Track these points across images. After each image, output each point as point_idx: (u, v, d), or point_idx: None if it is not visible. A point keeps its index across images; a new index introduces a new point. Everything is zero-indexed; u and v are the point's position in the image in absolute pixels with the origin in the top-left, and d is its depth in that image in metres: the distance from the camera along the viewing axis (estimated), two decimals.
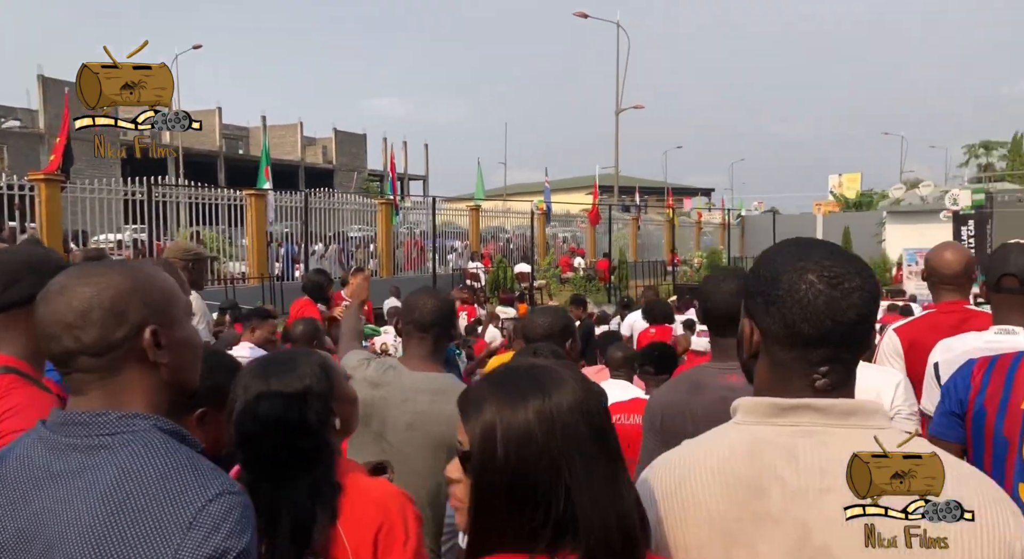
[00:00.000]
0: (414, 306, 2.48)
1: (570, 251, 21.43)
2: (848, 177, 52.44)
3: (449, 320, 2.51)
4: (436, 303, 2.46)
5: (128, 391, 1.09)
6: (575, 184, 47.72)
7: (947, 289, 2.84)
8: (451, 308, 2.55)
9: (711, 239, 27.99)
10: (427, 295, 2.53)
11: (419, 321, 2.44)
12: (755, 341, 1.16)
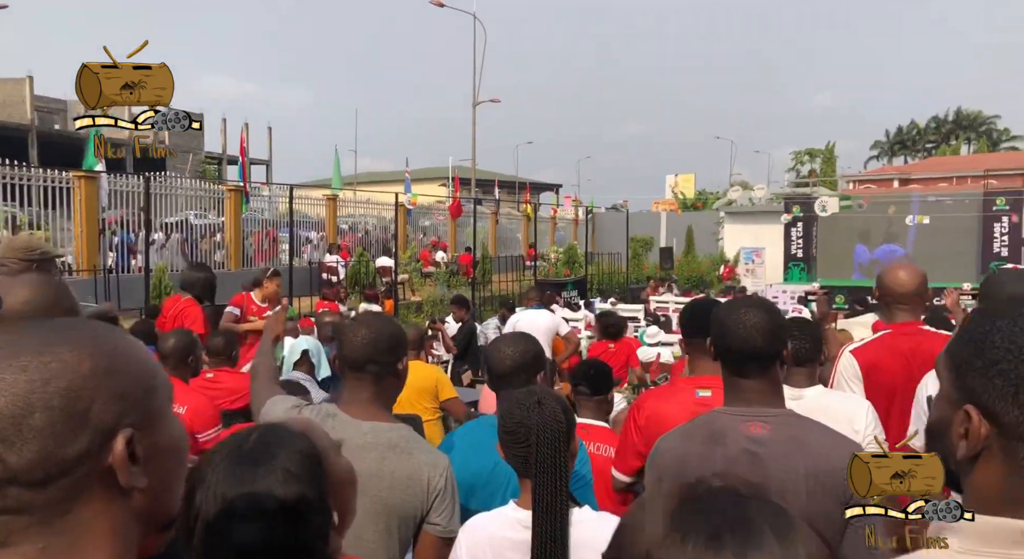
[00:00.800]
0: (346, 339, 2.00)
1: (431, 244, 21.06)
2: (684, 177, 55.73)
3: (394, 353, 2.01)
4: (370, 335, 1.97)
5: (82, 542, 0.70)
6: (427, 174, 47.27)
7: (901, 309, 2.81)
8: (393, 338, 2.02)
9: (564, 234, 28.57)
10: (362, 325, 2.04)
11: (352, 358, 1.98)
12: (983, 435, 0.89)
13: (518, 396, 1.73)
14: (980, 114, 63.99)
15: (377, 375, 1.98)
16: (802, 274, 23.89)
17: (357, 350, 1.97)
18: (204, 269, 6.19)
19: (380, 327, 2.01)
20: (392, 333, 2.03)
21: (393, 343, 2.01)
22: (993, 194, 22.15)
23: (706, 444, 1.75)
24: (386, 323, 2.08)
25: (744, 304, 1.88)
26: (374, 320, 2.07)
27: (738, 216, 26.58)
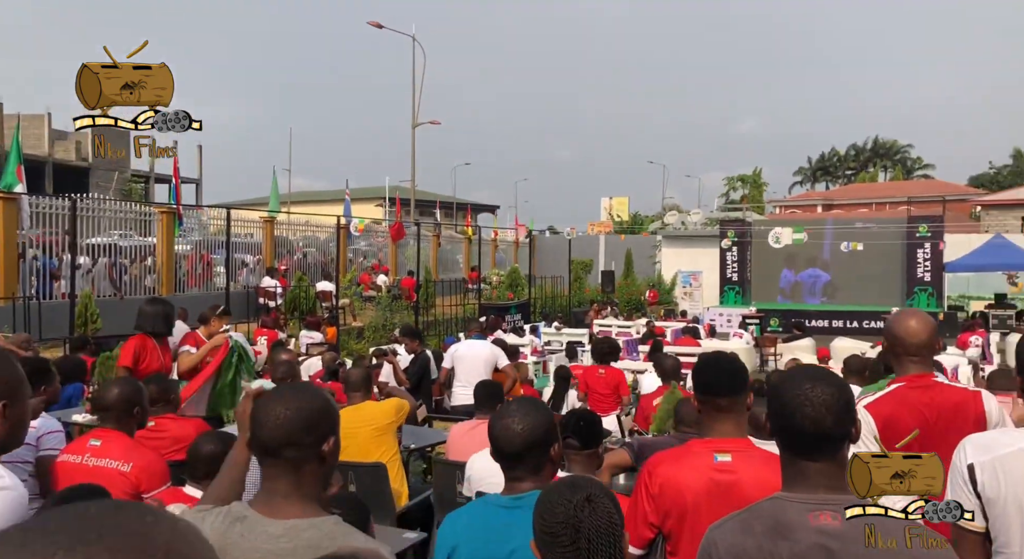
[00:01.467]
0: (256, 419, 1.67)
1: (372, 268, 20.61)
2: (618, 200, 56.75)
3: (316, 432, 1.66)
4: (285, 413, 1.63)
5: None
6: (365, 194, 46.64)
7: (913, 361, 2.68)
8: (315, 416, 1.68)
9: (505, 256, 28.48)
10: (276, 400, 1.68)
11: (264, 442, 1.65)
12: None
13: (560, 490, 1.54)
14: (896, 143, 67.26)
15: (296, 462, 1.65)
16: (737, 297, 24.40)
17: (270, 432, 1.63)
18: (158, 303, 5.81)
19: (299, 403, 1.67)
20: (314, 409, 1.69)
21: (315, 421, 1.66)
22: (916, 220, 23.06)
23: (769, 537, 1.57)
24: (306, 397, 1.71)
25: (807, 376, 1.67)
26: (291, 395, 1.72)
27: (674, 240, 27.01)
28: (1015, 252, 23.02)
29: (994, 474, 1.96)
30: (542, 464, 2.04)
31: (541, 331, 15.86)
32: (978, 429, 2.56)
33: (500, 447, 2.05)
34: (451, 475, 4.57)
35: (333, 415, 1.73)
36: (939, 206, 29.68)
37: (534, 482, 2.03)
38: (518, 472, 2.04)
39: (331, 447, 1.69)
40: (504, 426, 2.04)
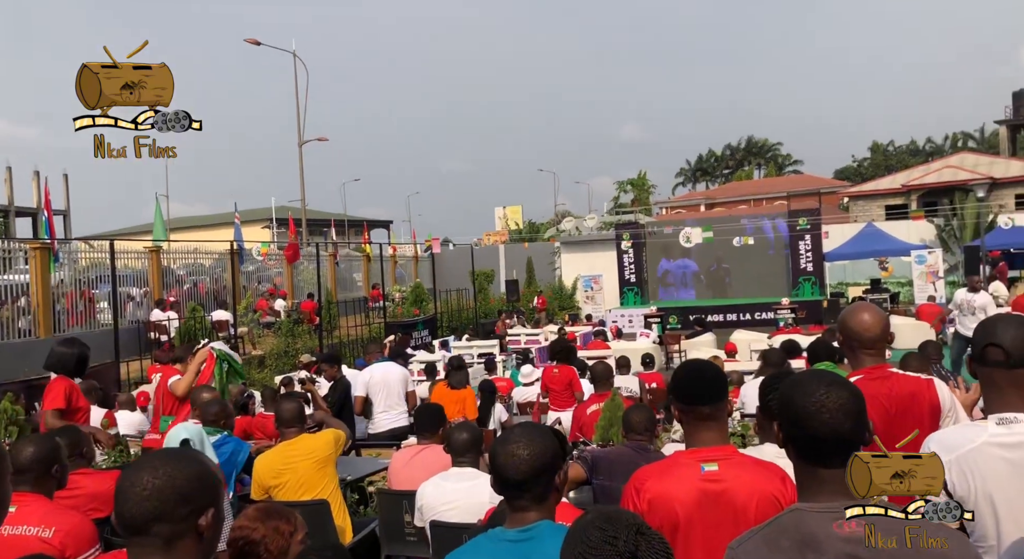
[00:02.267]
0: (123, 491, 1.46)
1: (268, 292, 19.82)
2: (511, 209, 57.24)
3: (191, 503, 1.46)
4: (153, 482, 1.43)
5: None
6: (250, 217, 44.98)
7: (868, 354, 2.76)
8: (190, 484, 1.47)
9: (404, 272, 28.11)
10: (143, 468, 1.47)
11: (127, 518, 1.44)
12: None
13: (597, 525, 1.44)
14: (767, 142, 71.25)
15: (167, 540, 1.43)
16: (636, 298, 25.10)
17: (135, 506, 1.42)
18: (73, 344, 5.52)
19: (170, 469, 1.45)
20: (190, 476, 1.46)
21: (190, 490, 1.45)
22: (796, 214, 24.39)
23: (798, 551, 1.52)
24: (179, 463, 1.49)
25: (820, 382, 1.64)
26: (161, 461, 1.49)
27: (572, 245, 27.47)
28: (885, 239, 24.83)
29: (961, 472, 2.01)
30: (548, 492, 1.95)
31: (451, 345, 15.72)
32: (933, 416, 2.67)
33: (505, 476, 1.91)
34: (397, 505, 4.41)
35: (212, 482, 1.51)
36: (814, 200, 31.57)
37: (539, 512, 1.93)
38: (523, 501, 1.93)
39: (210, 521, 1.46)
40: (509, 453, 1.92)
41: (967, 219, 26.52)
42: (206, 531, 1.47)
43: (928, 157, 53.29)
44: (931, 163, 40.06)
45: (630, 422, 3.85)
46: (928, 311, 17.15)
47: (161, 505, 1.42)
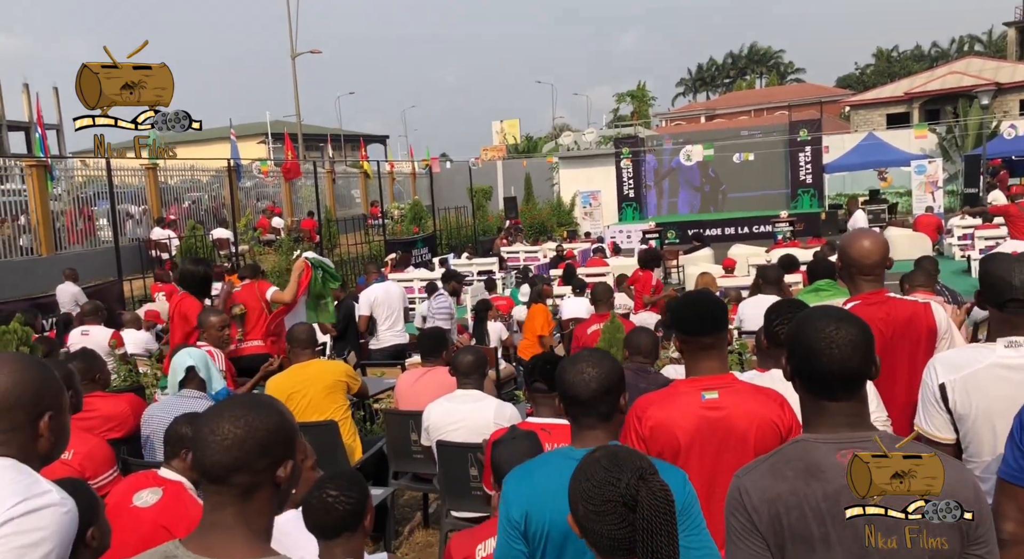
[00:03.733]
0: (198, 438, 1.42)
1: (267, 210, 19.73)
2: (509, 123, 56.26)
3: (271, 454, 1.42)
4: (235, 432, 1.39)
5: None
6: (244, 132, 44.22)
7: (866, 279, 2.80)
8: (271, 435, 1.42)
9: (402, 189, 27.90)
10: (222, 416, 1.42)
11: (206, 465, 1.41)
12: None
13: (602, 465, 1.48)
14: (769, 49, 69.31)
15: (246, 490, 1.41)
16: (634, 213, 25.02)
17: (215, 455, 1.39)
18: (201, 263, 6.07)
19: (251, 420, 1.41)
20: (270, 428, 1.42)
21: (271, 442, 1.41)
22: (797, 125, 24.04)
23: (802, 480, 1.56)
24: (260, 413, 1.44)
25: (828, 318, 1.65)
26: (242, 410, 1.44)
27: (571, 160, 27.17)
28: (885, 149, 24.54)
29: (965, 391, 2.09)
30: (613, 411, 2.01)
31: (451, 263, 15.79)
32: (930, 339, 2.74)
33: (574, 394, 1.98)
34: (404, 425, 4.55)
35: (291, 434, 1.47)
36: (815, 109, 31.04)
37: (605, 431, 2.00)
38: (591, 419, 1.99)
39: (288, 473, 1.45)
40: (577, 371, 1.98)
41: (970, 128, 26.14)
42: (283, 483, 1.45)
43: (933, 62, 51.95)
44: (936, 69, 39.10)
45: (636, 344, 3.91)
46: (926, 222, 17.16)
47: (242, 456, 1.39)
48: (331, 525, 2.16)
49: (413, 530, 4.96)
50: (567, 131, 29.26)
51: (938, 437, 2.18)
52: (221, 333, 5.28)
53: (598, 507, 1.45)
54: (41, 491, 1.54)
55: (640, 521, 1.40)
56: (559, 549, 1.92)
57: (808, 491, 1.57)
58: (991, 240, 13.39)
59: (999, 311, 2.15)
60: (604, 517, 1.45)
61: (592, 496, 1.47)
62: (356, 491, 2.20)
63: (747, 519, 1.61)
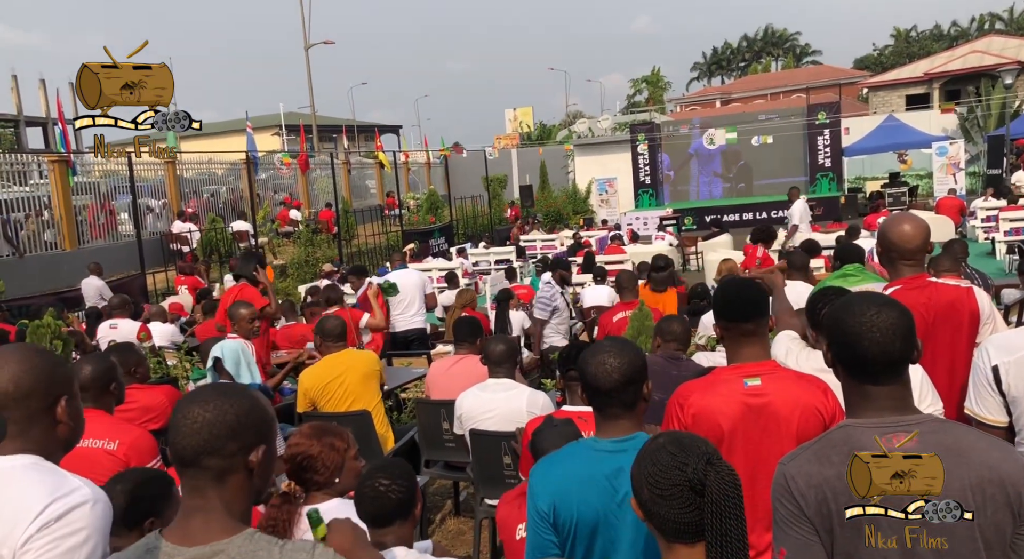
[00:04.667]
0: (175, 423, 1.45)
1: (284, 202, 19.82)
2: (522, 111, 56.09)
3: (243, 438, 1.44)
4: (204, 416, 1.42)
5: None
6: (258, 124, 44.35)
7: (907, 264, 2.78)
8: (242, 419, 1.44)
9: (417, 179, 27.92)
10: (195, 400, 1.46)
11: (179, 450, 1.44)
12: None
13: (668, 449, 1.49)
14: (785, 31, 68.52)
15: (219, 474, 1.42)
16: (651, 200, 24.89)
17: (185, 438, 1.41)
18: (251, 256, 6.79)
19: (221, 404, 1.43)
20: (240, 411, 1.44)
21: (240, 426, 1.43)
22: (815, 108, 23.78)
23: (848, 465, 1.57)
24: (230, 398, 1.45)
25: (869, 303, 1.65)
26: (213, 395, 1.46)
27: (586, 148, 27.05)
28: (905, 131, 24.23)
29: (1019, 373, 2.08)
30: (637, 400, 2.01)
31: (469, 252, 15.81)
32: (973, 324, 2.72)
33: (597, 384, 1.98)
34: (436, 414, 4.58)
35: (264, 420, 1.48)
36: (833, 92, 30.66)
37: (630, 421, 2.01)
38: (614, 408, 2.00)
39: (260, 458, 1.45)
40: (599, 362, 1.99)
41: (992, 108, 25.76)
42: (256, 467, 1.46)
43: (953, 42, 51.18)
44: (956, 48, 38.51)
45: (670, 330, 3.91)
46: (948, 205, 16.95)
47: (211, 439, 1.42)
48: (384, 514, 2.19)
49: (444, 518, 5.01)
50: (581, 118, 29.11)
51: (991, 420, 2.16)
52: (251, 325, 5.35)
53: (665, 491, 1.47)
54: (70, 489, 1.53)
55: (709, 505, 1.41)
56: (588, 539, 1.94)
57: None
58: (1017, 221, 13.22)
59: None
60: (671, 501, 1.47)
61: (659, 480, 1.48)
62: (407, 480, 2.23)
63: (795, 505, 1.61)
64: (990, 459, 1.55)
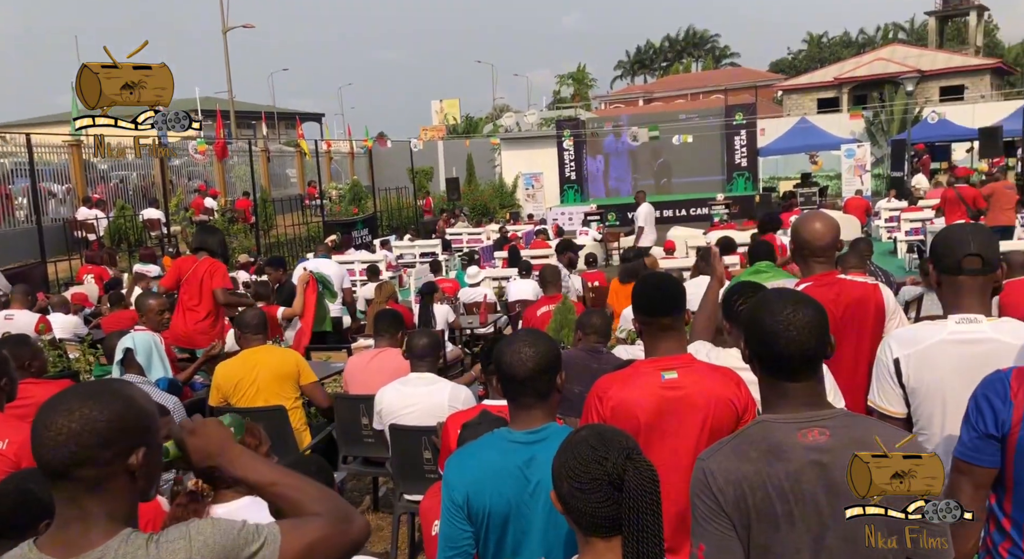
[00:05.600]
0: (38, 436, 1.30)
1: (199, 190, 19.10)
2: (448, 103, 55.71)
3: (116, 443, 1.31)
4: (70, 426, 1.27)
5: None
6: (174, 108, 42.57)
7: (818, 261, 2.88)
8: (115, 423, 1.31)
9: (340, 169, 27.38)
10: (59, 410, 1.30)
11: (45, 462, 1.30)
12: None
13: (589, 443, 1.48)
14: (706, 33, 70.32)
15: (94, 483, 1.29)
16: (576, 196, 25.15)
17: (50, 453, 1.27)
18: (216, 230, 6.60)
19: (87, 411, 1.29)
20: (112, 415, 1.30)
21: (111, 433, 1.29)
22: (733, 109, 24.48)
23: (765, 460, 1.60)
24: (99, 402, 1.31)
25: (786, 301, 1.68)
26: (77, 401, 1.31)
27: (513, 142, 27.09)
28: (816, 133, 25.27)
29: (919, 366, 2.16)
30: (550, 390, 2.02)
31: (393, 245, 15.61)
32: (879, 319, 2.83)
33: (512, 372, 1.99)
34: (354, 409, 4.49)
35: (140, 419, 1.35)
36: (749, 93, 31.65)
37: (543, 411, 2.01)
38: (528, 398, 2.00)
39: (141, 460, 1.33)
40: (514, 351, 2.00)
41: (895, 113, 27.12)
42: (138, 469, 1.34)
43: (860, 49, 53.59)
44: (863, 55, 40.36)
45: (591, 324, 3.94)
46: (855, 205, 17.76)
47: (79, 451, 1.27)
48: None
49: (363, 514, 4.92)
50: (508, 112, 29.17)
51: (890, 411, 2.24)
52: (161, 317, 5.13)
53: (584, 485, 1.47)
54: None
55: (627, 500, 1.41)
56: (501, 529, 1.95)
57: (771, 471, 1.61)
58: (916, 222, 13.95)
59: (953, 277, 2.17)
60: (589, 495, 1.46)
61: (579, 474, 1.48)
62: (322, 478, 2.15)
63: (713, 501, 1.63)
64: (892, 447, 1.60)
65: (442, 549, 2.01)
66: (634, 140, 22.10)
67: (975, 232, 2.19)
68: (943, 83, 34.53)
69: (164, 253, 12.84)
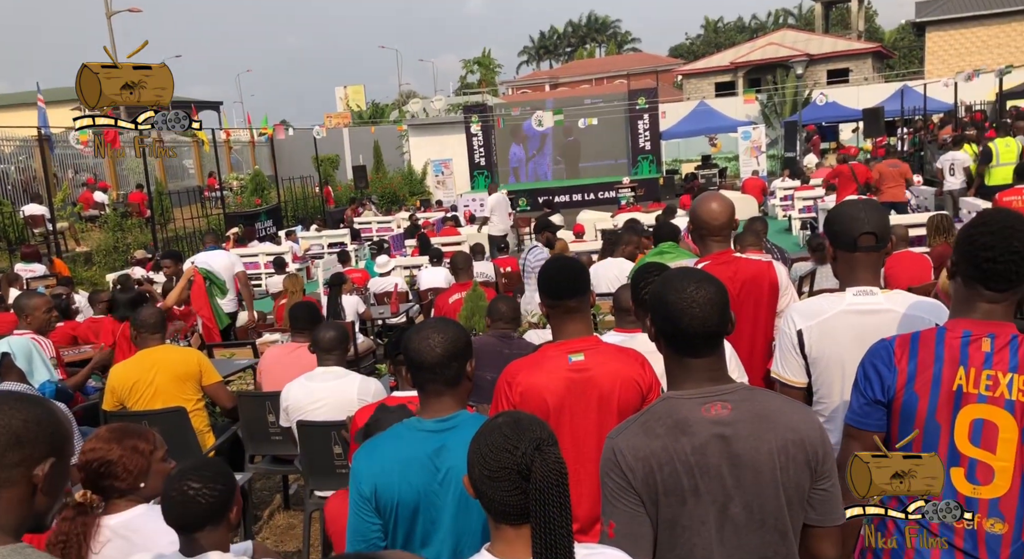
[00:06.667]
0: None
1: (88, 183, 18.00)
2: (353, 89, 54.53)
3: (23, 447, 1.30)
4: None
5: None
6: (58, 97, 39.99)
7: (715, 240, 2.96)
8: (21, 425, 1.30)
9: (241, 159, 26.41)
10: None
11: None
12: None
13: (502, 432, 1.46)
14: (607, 18, 71.35)
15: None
16: (486, 181, 25.10)
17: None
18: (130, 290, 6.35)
19: (8, 410, 1.30)
20: (30, 418, 1.30)
21: (26, 434, 1.29)
22: (636, 94, 24.96)
23: (671, 436, 1.63)
24: (20, 405, 1.32)
25: (689, 279, 1.72)
26: (2, 396, 1.34)
27: (420, 128, 26.77)
28: (715, 117, 26.08)
29: (820, 337, 2.24)
30: (460, 377, 1.99)
31: (299, 236, 15.20)
32: (773, 295, 2.94)
33: (421, 359, 1.96)
34: (260, 407, 4.35)
35: (59, 432, 1.34)
36: (651, 78, 32.37)
37: (453, 399, 1.98)
38: (437, 385, 1.97)
39: (47, 472, 1.30)
40: (422, 337, 1.97)
41: (787, 95, 28.27)
42: (41, 483, 1.30)
43: (754, 34, 55.61)
44: (756, 40, 41.88)
45: (499, 311, 3.93)
46: (752, 185, 18.45)
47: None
48: (193, 520, 2.02)
49: (273, 513, 4.79)
50: (415, 98, 28.81)
51: (791, 380, 2.32)
52: (49, 315, 4.82)
53: (493, 473, 1.45)
54: None
55: (533, 491, 1.40)
56: (410, 520, 1.93)
57: (678, 446, 1.63)
58: (808, 200, 14.61)
59: (849, 253, 2.25)
60: (498, 483, 1.45)
61: (488, 461, 1.46)
62: (221, 482, 2.06)
63: (622, 478, 1.65)
64: (792, 422, 1.65)
65: (350, 542, 1.97)
66: (539, 125, 22.19)
67: (868, 210, 2.26)
68: (830, 66, 36.25)
69: (51, 252, 12.09)
